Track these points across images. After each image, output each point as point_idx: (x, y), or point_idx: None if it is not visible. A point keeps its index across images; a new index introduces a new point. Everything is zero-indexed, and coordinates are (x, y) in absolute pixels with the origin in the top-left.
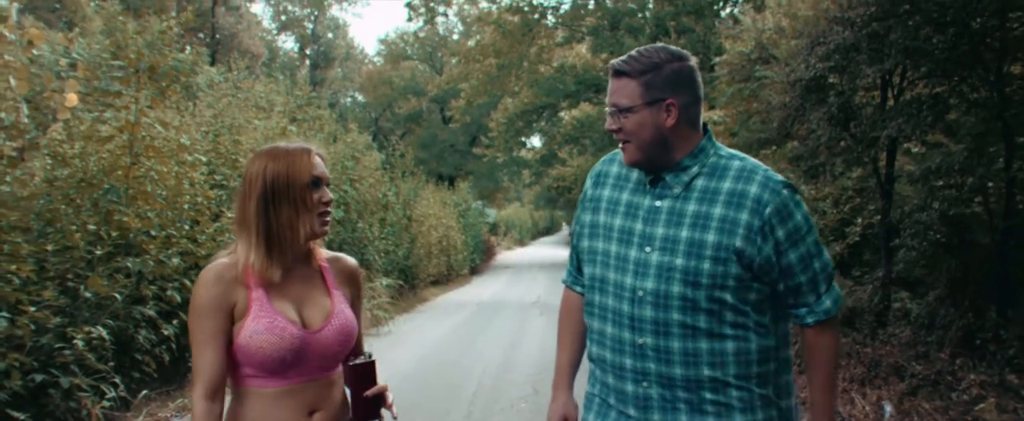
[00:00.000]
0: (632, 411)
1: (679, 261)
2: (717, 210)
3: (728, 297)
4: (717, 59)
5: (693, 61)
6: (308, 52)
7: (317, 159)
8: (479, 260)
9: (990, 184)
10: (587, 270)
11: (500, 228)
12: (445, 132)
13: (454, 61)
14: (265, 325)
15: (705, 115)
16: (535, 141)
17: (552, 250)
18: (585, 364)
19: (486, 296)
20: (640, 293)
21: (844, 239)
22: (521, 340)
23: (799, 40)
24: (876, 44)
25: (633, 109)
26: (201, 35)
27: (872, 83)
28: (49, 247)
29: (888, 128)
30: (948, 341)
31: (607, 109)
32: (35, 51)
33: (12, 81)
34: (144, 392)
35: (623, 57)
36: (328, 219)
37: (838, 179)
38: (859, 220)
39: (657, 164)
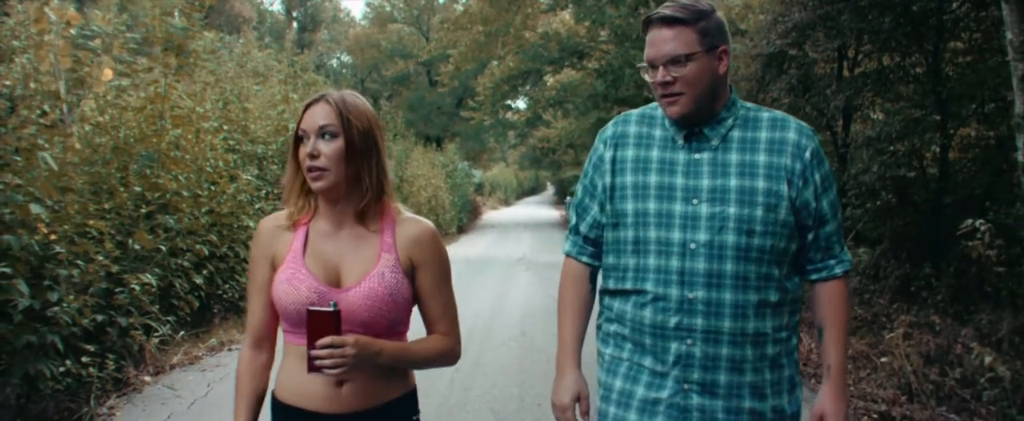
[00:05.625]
0: (673, 371)
1: (732, 209)
2: (760, 157)
3: (780, 244)
4: None
5: None
6: (295, 15)
7: (315, 109)
8: (466, 219)
9: (934, 149)
10: (619, 234)
11: (486, 188)
12: (432, 94)
13: (439, 20)
14: (288, 276)
15: None
16: (520, 104)
17: (536, 209)
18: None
19: (474, 253)
20: (693, 246)
21: None
22: (509, 291)
23: (764, 16)
24: (830, 23)
25: (693, 57)
26: None
27: (829, 56)
28: (107, 206)
29: (836, 99)
30: (887, 289)
31: (649, 63)
32: (73, 30)
33: (52, 57)
34: (181, 333)
35: (669, 6)
36: (314, 175)
37: None
38: None
39: (704, 115)
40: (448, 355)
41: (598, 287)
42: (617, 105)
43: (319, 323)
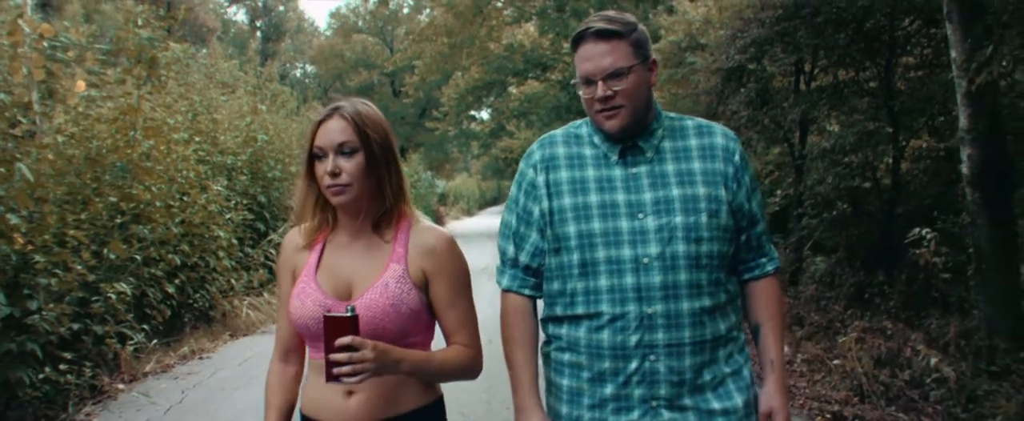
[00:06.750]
0: (638, 391)
1: (678, 219)
2: (696, 165)
3: (724, 248)
4: (652, 46)
5: None
6: (259, 25)
7: (330, 125)
8: None
9: (887, 160)
10: (562, 259)
11: (449, 198)
12: (396, 105)
13: (404, 31)
14: (297, 291)
15: None
16: (484, 115)
17: (498, 219)
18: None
19: None
20: (645, 260)
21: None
22: (475, 301)
23: (724, 31)
24: (787, 39)
25: (632, 70)
26: (154, 8)
27: (787, 70)
28: (83, 216)
29: (793, 113)
30: (842, 296)
31: (585, 78)
32: (45, 42)
33: (24, 69)
34: (154, 341)
35: (599, 19)
36: (335, 190)
37: (760, 155)
38: (778, 192)
39: (639, 128)
40: (470, 368)
41: (540, 316)
42: (580, 116)
43: (336, 329)
